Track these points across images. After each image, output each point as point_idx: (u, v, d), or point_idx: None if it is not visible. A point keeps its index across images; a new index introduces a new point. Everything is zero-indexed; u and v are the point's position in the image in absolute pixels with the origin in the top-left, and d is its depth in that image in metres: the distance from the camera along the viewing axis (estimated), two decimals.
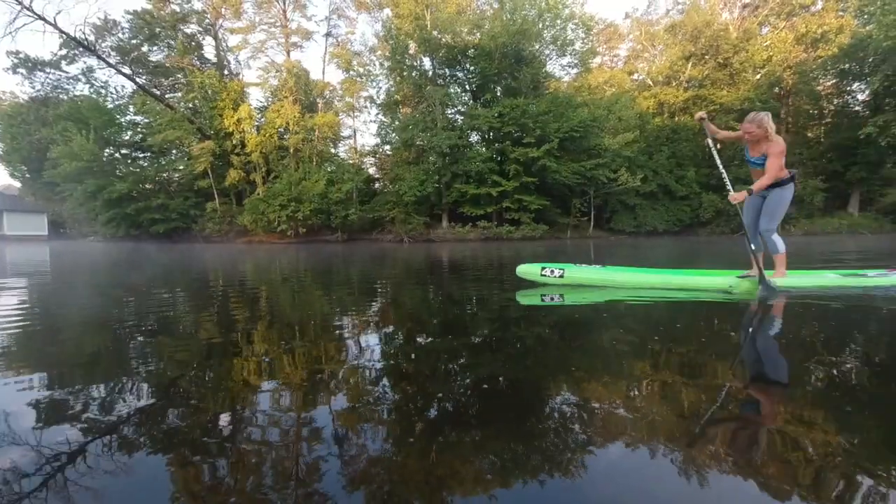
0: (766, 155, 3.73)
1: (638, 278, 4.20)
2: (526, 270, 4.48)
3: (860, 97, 27.51)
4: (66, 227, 36.58)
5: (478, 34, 25.85)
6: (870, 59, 23.54)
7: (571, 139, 24.75)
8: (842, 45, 25.39)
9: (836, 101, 28.84)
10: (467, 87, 28.11)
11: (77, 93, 30.89)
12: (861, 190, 27.37)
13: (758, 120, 3.72)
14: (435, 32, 25.65)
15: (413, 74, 26.78)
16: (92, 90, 30.71)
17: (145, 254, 14.19)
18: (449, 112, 27.39)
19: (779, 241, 3.86)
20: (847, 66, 25.91)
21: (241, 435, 1.33)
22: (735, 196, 3.83)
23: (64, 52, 29.36)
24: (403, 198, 25.49)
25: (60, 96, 30.90)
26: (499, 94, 26.68)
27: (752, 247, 3.85)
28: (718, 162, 4.33)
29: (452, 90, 27.74)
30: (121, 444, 1.28)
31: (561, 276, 4.28)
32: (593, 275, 4.31)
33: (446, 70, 27.55)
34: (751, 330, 2.77)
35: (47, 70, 30.47)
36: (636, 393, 1.65)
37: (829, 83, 28.31)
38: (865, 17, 24.22)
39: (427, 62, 27.26)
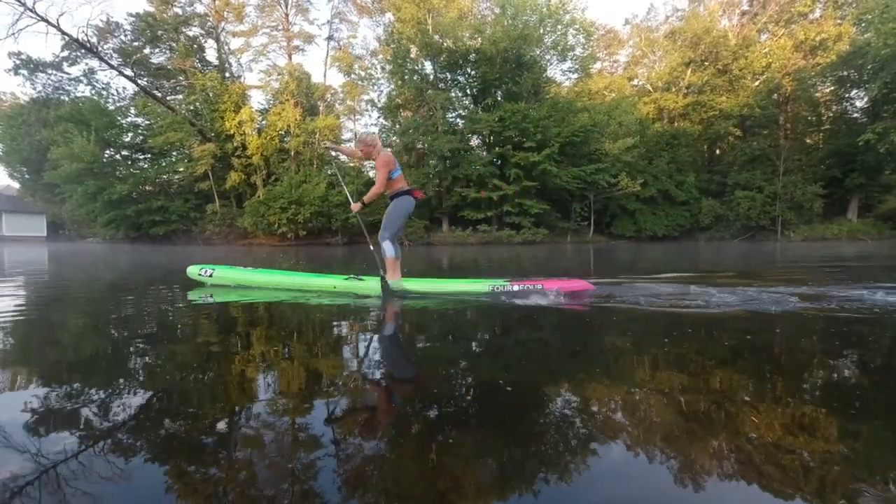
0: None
1: (273, 279, 4.56)
2: (191, 271, 4.88)
3: (859, 104, 27.67)
4: (65, 228, 36.48)
5: (479, 39, 25.97)
6: (868, 67, 23.69)
7: (572, 144, 24.87)
8: (840, 53, 25.57)
9: (834, 108, 29.02)
10: (468, 91, 28.19)
11: (78, 94, 30.92)
12: (860, 196, 27.50)
13: (361, 140, 4.19)
14: (436, 37, 25.77)
15: (414, 78, 26.87)
16: (93, 92, 30.77)
17: (142, 256, 14.15)
18: (450, 116, 27.52)
19: (388, 248, 4.15)
20: (845, 73, 26.09)
21: (235, 441, 1.32)
22: (354, 206, 4.22)
23: (66, 53, 29.41)
24: None
25: (62, 98, 30.91)
26: (500, 98, 26.77)
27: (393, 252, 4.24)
28: (341, 179, 5.51)
29: (454, 94, 27.83)
30: (113, 446, 1.26)
31: (210, 276, 4.70)
32: (237, 275, 4.71)
33: (447, 74, 27.65)
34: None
35: (49, 71, 30.48)
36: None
37: (827, 90, 28.49)
38: (863, 24, 24.39)
39: (428, 66, 27.36)
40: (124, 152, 30.24)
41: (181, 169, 29.11)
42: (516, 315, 3.29)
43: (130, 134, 30.00)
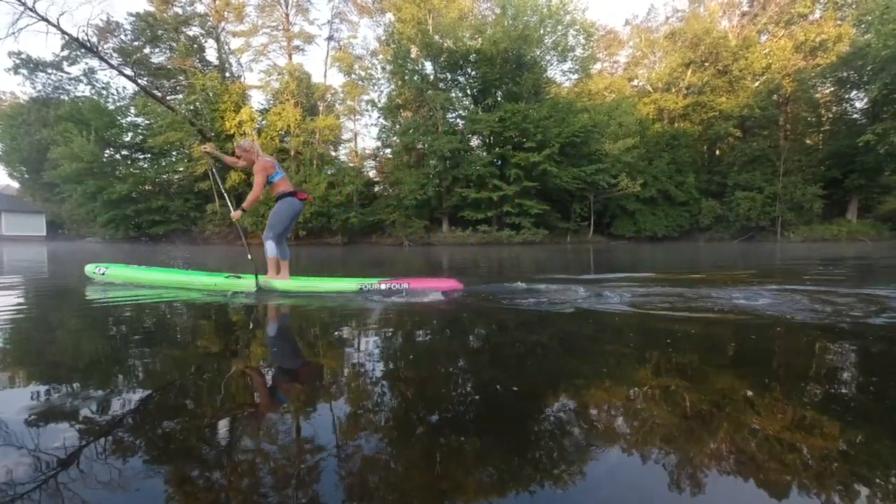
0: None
1: (160, 277, 4.74)
2: (88, 269, 5.03)
3: (858, 105, 27.62)
4: (64, 227, 36.48)
5: (479, 39, 25.95)
6: (868, 68, 23.68)
7: (572, 144, 24.86)
8: (840, 54, 25.56)
9: (834, 109, 29.00)
10: (468, 91, 28.14)
11: (78, 94, 30.98)
12: (859, 197, 27.46)
13: (239, 147, 4.31)
14: (437, 37, 25.74)
15: (415, 79, 26.85)
16: (93, 91, 30.81)
17: (135, 255, 14.12)
18: (450, 116, 27.50)
19: (270, 248, 4.28)
20: (845, 74, 26.06)
21: (236, 441, 1.32)
22: (234, 214, 4.35)
23: (66, 53, 29.45)
24: (404, 201, 25.52)
25: (61, 97, 30.95)
26: (500, 98, 26.75)
27: (279, 252, 4.38)
28: (220, 184, 5.15)
29: (454, 94, 27.78)
30: (113, 448, 1.25)
31: (104, 274, 4.87)
32: (128, 273, 4.86)
33: (448, 74, 27.62)
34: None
35: (49, 71, 30.54)
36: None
37: (827, 91, 28.47)
38: (863, 26, 24.39)
39: (429, 66, 27.34)
40: (124, 152, 30.32)
41: (181, 169, 29.13)
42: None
43: (130, 134, 30.07)
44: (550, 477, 1.12)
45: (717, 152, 32.75)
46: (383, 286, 4.11)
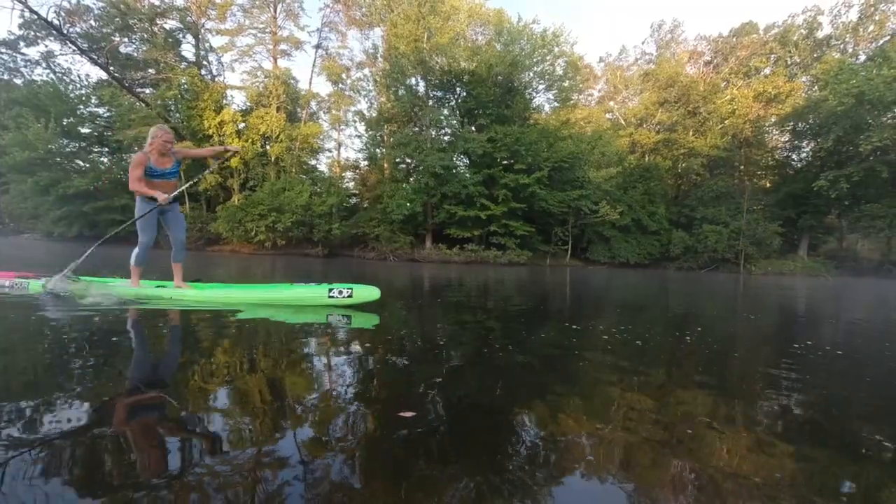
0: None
1: None
2: None
3: (812, 153, 30.31)
4: (2, 221, 32.89)
5: (473, 62, 26.35)
6: (819, 121, 26.22)
7: (559, 169, 25.57)
8: (795, 106, 28.29)
9: (790, 155, 31.91)
10: (459, 111, 28.32)
11: (36, 77, 28.35)
12: (809, 236, 30.01)
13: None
14: (431, 56, 25.87)
15: (406, 94, 26.75)
16: (52, 77, 28.25)
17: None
18: (440, 134, 27.55)
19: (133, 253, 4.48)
20: (801, 125, 28.76)
21: (191, 463, 1.26)
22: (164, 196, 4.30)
23: (22, 32, 26.99)
24: (391, 215, 25.10)
25: (13, 80, 28.21)
26: (490, 120, 27.13)
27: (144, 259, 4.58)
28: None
29: (445, 112, 27.89)
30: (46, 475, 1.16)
31: None
32: None
33: (440, 93, 27.76)
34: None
35: (1, 50, 27.82)
36: None
37: (784, 140, 31.28)
38: (821, 83, 27.11)
39: (421, 84, 27.38)
40: (82, 143, 27.91)
41: None
42: None
43: (89, 124, 27.81)
44: None
45: (686, 187, 34.84)
46: None
